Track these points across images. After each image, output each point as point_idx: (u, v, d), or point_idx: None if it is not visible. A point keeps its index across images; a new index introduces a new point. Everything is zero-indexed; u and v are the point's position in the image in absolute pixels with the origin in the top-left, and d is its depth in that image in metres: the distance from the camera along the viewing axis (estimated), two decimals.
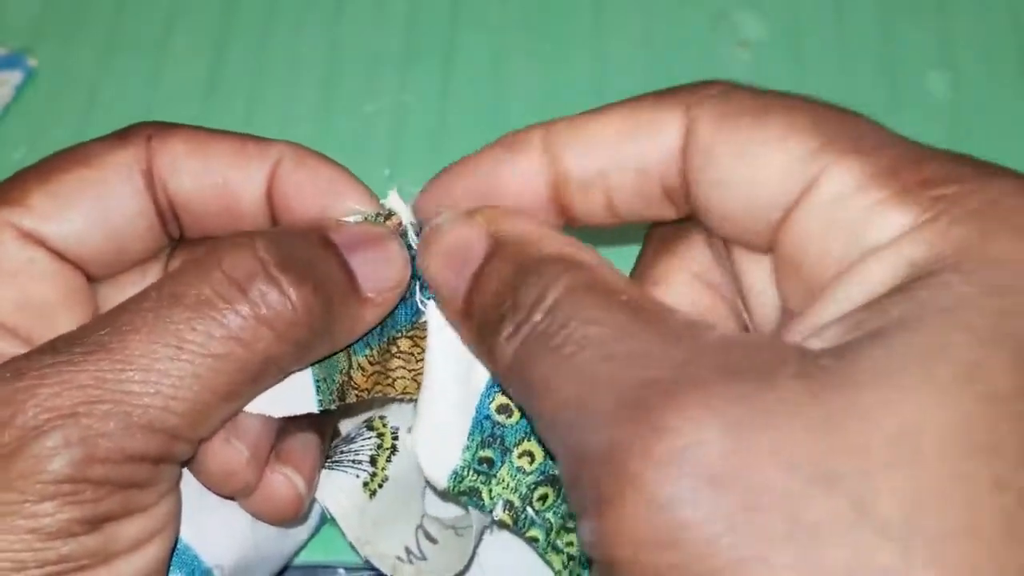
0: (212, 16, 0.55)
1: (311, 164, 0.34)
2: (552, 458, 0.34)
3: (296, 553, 0.40)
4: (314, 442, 0.36)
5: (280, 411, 0.33)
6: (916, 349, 0.24)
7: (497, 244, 0.30)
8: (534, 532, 0.35)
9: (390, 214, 0.35)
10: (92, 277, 0.34)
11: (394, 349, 0.36)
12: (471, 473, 0.34)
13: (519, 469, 0.34)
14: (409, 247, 0.34)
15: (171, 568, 0.33)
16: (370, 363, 0.36)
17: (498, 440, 0.34)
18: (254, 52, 0.54)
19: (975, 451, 0.23)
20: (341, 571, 0.41)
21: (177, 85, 0.54)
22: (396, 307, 0.35)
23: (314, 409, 0.33)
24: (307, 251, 0.31)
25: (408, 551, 0.38)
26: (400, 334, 0.35)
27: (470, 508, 0.35)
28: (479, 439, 0.34)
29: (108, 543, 0.29)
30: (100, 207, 0.33)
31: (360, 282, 0.32)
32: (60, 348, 0.29)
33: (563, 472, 0.27)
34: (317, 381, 0.34)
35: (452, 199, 0.32)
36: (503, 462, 0.34)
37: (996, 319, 0.24)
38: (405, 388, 0.36)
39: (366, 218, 0.34)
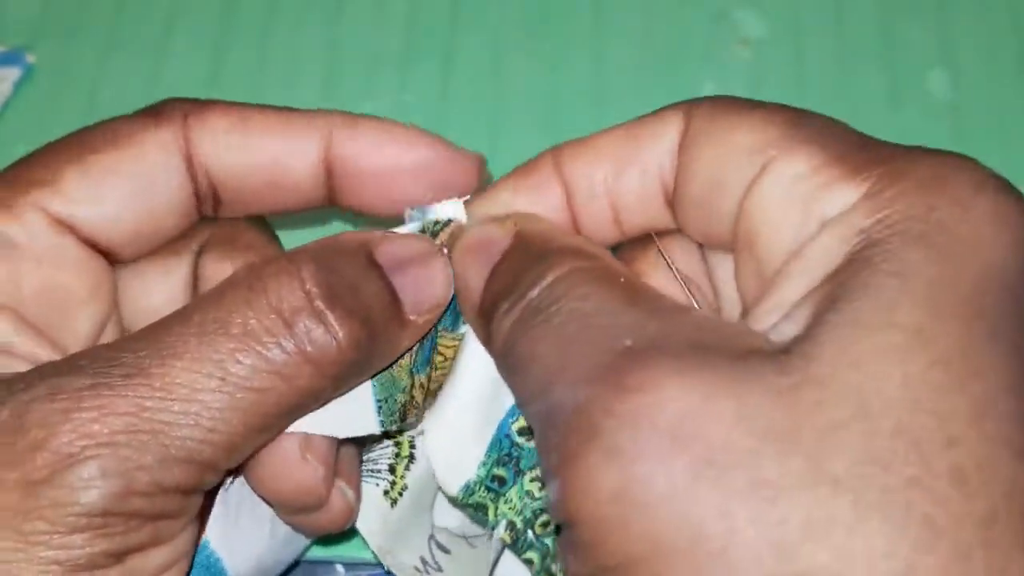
0: (212, 14, 0.55)
1: (365, 128, 0.34)
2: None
3: (300, 556, 0.40)
4: (355, 453, 0.36)
5: (345, 433, 0.32)
6: (866, 317, 0.25)
7: (517, 239, 0.30)
8: (530, 555, 0.35)
9: (448, 222, 0.34)
10: (116, 261, 0.33)
11: (439, 359, 0.35)
12: (482, 489, 0.34)
13: (528, 493, 0.34)
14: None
15: None
16: (429, 379, 0.35)
17: (514, 461, 0.34)
18: (254, 51, 0.54)
19: (924, 412, 0.24)
20: (339, 568, 0.41)
21: (176, 83, 0.53)
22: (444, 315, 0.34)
23: (377, 430, 0.33)
24: (353, 276, 0.30)
25: (424, 561, 0.37)
26: (448, 339, 0.35)
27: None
28: (496, 456, 0.34)
29: (131, 574, 0.28)
30: (136, 190, 0.32)
31: (403, 304, 0.32)
32: (99, 369, 0.28)
33: (536, 440, 0.27)
34: (378, 401, 0.33)
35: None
36: (514, 483, 0.34)
37: (939, 285, 0.25)
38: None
39: (423, 228, 0.34)
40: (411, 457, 0.38)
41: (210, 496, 0.32)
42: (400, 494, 0.38)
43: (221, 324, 0.28)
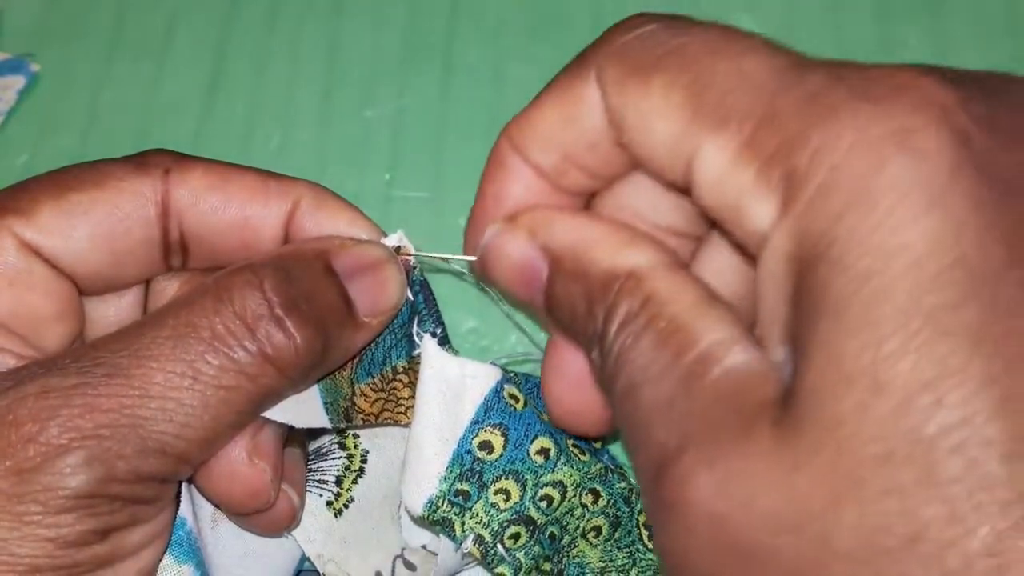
0: (213, 21, 0.56)
1: (331, 206, 0.36)
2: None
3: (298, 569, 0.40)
4: (300, 456, 0.38)
5: (296, 422, 0.34)
6: (827, 371, 0.24)
7: (554, 261, 0.31)
8: (502, 569, 0.36)
9: (398, 249, 0.36)
10: (83, 292, 0.35)
11: (404, 379, 0.36)
12: (445, 503, 0.35)
13: (493, 505, 0.35)
14: (411, 282, 0.36)
15: None
16: (373, 390, 0.37)
17: (476, 475, 0.35)
18: (255, 58, 0.55)
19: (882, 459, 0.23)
20: None
21: (178, 90, 0.54)
22: (399, 339, 0.36)
23: (327, 424, 0.35)
24: (310, 283, 0.33)
25: (380, 574, 0.38)
26: (405, 365, 0.36)
27: (442, 537, 0.36)
28: (458, 471, 0.35)
29: (115, 550, 0.31)
30: (107, 231, 0.34)
31: (357, 308, 0.34)
32: (83, 368, 0.30)
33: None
34: (325, 403, 0.35)
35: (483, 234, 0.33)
36: (479, 497, 0.35)
37: (866, 312, 0.24)
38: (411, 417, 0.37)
39: None
40: (361, 471, 0.39)
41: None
42: (345, 505, 0.38)
43: (192, 328, 0.31)
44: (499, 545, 0.35)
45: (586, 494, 0.37)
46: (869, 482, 0.23)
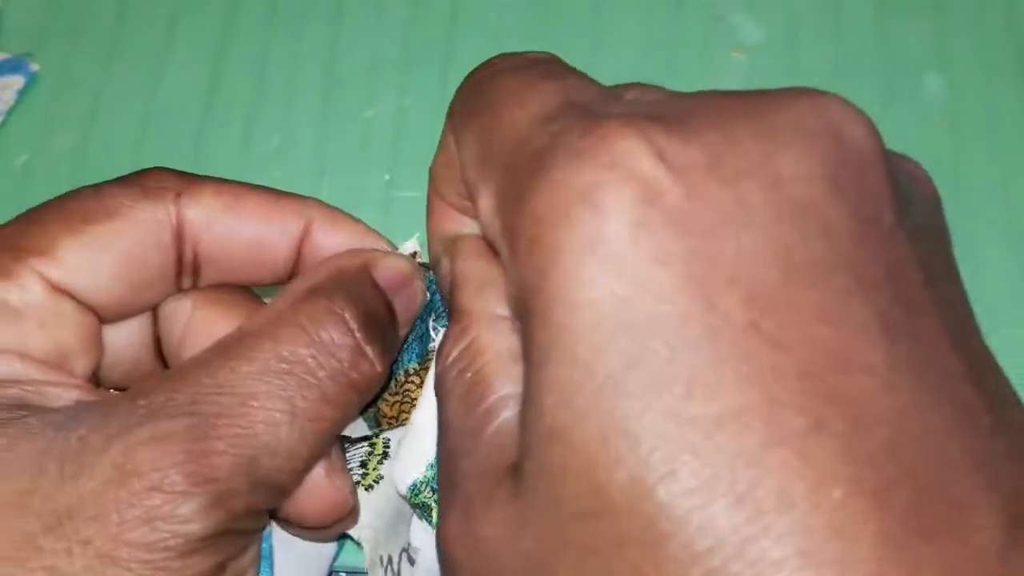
0: (213, 22, 0.56)
1: (344, 226, 0.37)
2: None
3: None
4: (344, 457, 0.38)
5: (354, 434, 0.35)
6: (535, 425, 0.25)
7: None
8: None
9: (414, 255, 0.37)
10: (103, 321, 0.35)
11: (417, 380, 0.37)
12: (427, 489, 0.35)
13: None
14: (427, 282, 0.37)
15: None
16: (390, 395, 0.37)
17: None
18: (255, 57, 0.55)
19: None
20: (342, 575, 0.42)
21: (178, 90, 0.54)
22: (410, 343, 0.37)
23: (367, 432, 0.37)
24: (370, 304, 0.34)
25: (390, 560, 0.38)
26: (416, 367, 0.37)
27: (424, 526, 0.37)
28: None
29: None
30: (129, 263, 0.34)
31: (398, 320, 0.36)
32: (190, 410, 0.31)
33: None
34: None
35: None
36: None
37: (559, 369, 0.25)
38: None
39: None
40: (385, 455, 0.39)
41: None
42: (376, 482, 0.39)
43: (285, 363, 0.32)
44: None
45: None
46: (573, 540, 0.24)
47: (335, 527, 0.36)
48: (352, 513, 0.36)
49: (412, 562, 0.38)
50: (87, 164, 0.52)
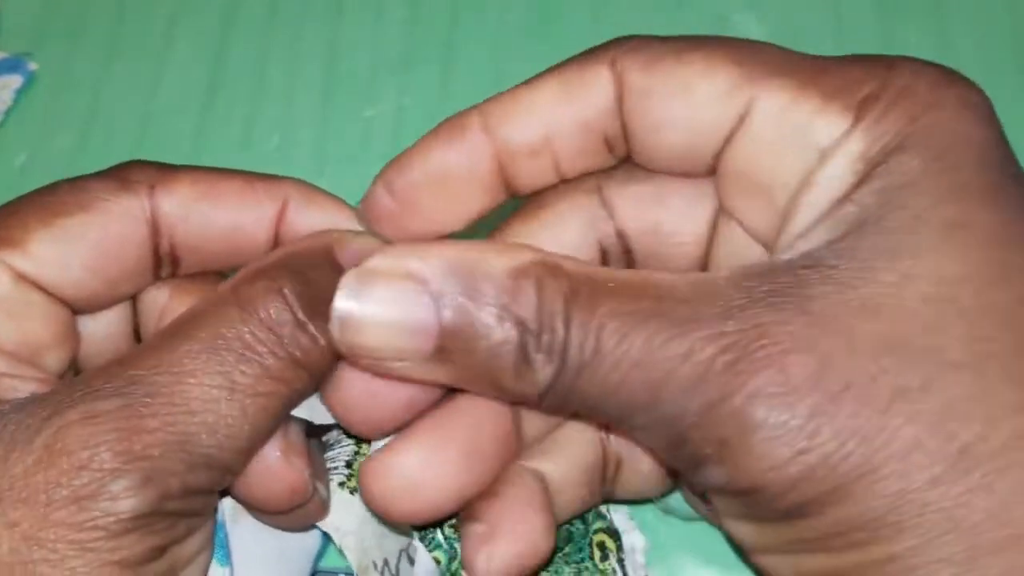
0: (212, 21, 0.56)
1: (320, 203, 0.36)
2: None
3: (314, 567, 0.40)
4: (318, 447, 0.38)
5: (317, 419, 0.35)
6: (893, 223, 0.28)
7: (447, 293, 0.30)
8: (437, 554, 0.36)
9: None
10: (77, 312, 0.35)
11: None
12: None
13: None
14: None
15: None
16: None
17: None
18: (254, 57, 0.55)
19: (988, 285, 0.27)
20: None
21: (178, 90, 0.54)
22: None
23: (333, 421, 0.35)
24: (324, 283, 0.33)
25: (386, 563, 0.38)
26: None
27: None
28: None
29: (174, 562, 0.32)
30: (100, 255, 0.34)
31: None
32: (123, 389, 0.31)
33: (663, 451, 0.30)
34: None
35: (401, 190, 0.33)
36: None
37: (947, 178, 0.28)
38: None
39: None
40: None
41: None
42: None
43: (223, 340, 0.31)
44: (439, 531, 0.35)
45: None
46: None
47: (300, 514, 0.35)
48: (321, 505, 0.36)
49: (412, 562, 0.38)
50: (86, 164, 0.51)
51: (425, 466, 0.32)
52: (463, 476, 0.33)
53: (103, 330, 0.36)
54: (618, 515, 0.40)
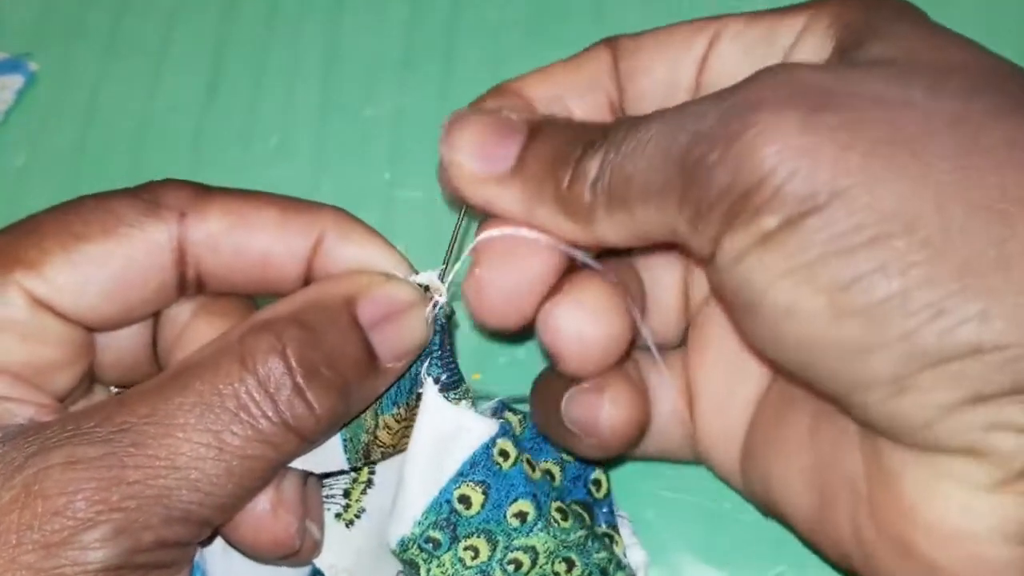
0: (212, 21, 0.56)
1: (357, 238, 0.35)
2: None
3: None
4: (316, 484, 0.37)
5: (317, 468, 0.34)
6: (886, 54, 0.32)
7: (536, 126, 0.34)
8: None
9: (426, 288, 0.35)
10: (94, 331, 0.35)
11: (400, 421, 0.36)
12: (415, 547, 0.35)
13: (460, 560, 0.35)
14: (436, 321, 0.35)
15: None
16: (397, 421, 0.36)
17: (451, 526, 0.35)
18: (254, 56, 0.55)
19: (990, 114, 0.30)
20: None
21: (177, 90, 0.54)
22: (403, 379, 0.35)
23: (345, 467, 0.35)
24: (334, 339, 0.32)
25: None
26: (405, 411, 0.36)
27: None
28: (433, 519, 0.35)
29: None
30: (121, 283, 0.33)
31: (380, 357, 0.34)
32: (110, 436, 0.30)
33: (680, 193, 0.31)
34: (344, 441, 0.35)
35: (527, 100, 0.38)
36: (449, 548, 0.35)
37: (920, 33, 0.35)
38: None
39: None
40: (369, 482, 0.39)
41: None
42: (357, 516, 0.38)
43: (218, 396, 0.31)
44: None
45: (559, 562, 0.37)
46: None
47: (291, 558, 0.35)
48: (313, 546, 0.36)
49: None
50: (86, 163, 0.52)
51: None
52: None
53: (124, 340, 0.36)
54: (624, 529, 0.40)
